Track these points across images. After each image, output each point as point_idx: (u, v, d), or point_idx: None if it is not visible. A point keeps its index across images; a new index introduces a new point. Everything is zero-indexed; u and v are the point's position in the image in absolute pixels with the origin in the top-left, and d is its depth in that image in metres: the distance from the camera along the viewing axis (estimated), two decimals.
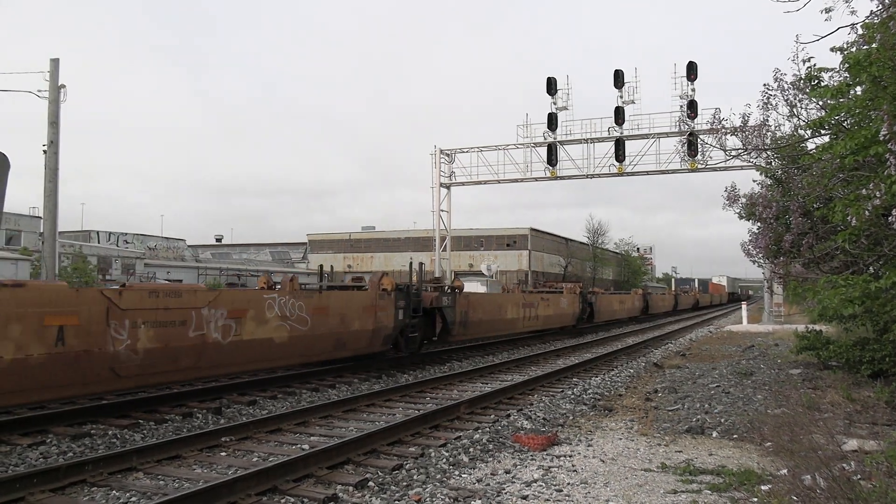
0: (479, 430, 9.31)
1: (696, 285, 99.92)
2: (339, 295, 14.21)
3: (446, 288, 18.65)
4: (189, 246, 76.70)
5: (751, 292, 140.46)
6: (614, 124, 36.91)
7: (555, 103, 38.00)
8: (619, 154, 36.91)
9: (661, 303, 52.06)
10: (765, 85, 10.43)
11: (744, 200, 13.89)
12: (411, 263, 18.00)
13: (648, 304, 45.88)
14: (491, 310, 21.27)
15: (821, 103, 10.10)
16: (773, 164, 13.94)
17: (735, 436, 8.88)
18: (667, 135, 36.62)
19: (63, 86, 23.17)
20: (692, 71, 35.12)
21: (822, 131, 10.07)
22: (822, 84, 9.78)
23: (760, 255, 15.35)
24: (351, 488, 6.72)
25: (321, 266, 18.76)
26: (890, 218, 8.45)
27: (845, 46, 9.36)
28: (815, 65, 9.81)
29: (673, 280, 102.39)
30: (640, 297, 44.44)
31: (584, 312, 31.10)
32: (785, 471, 6.67)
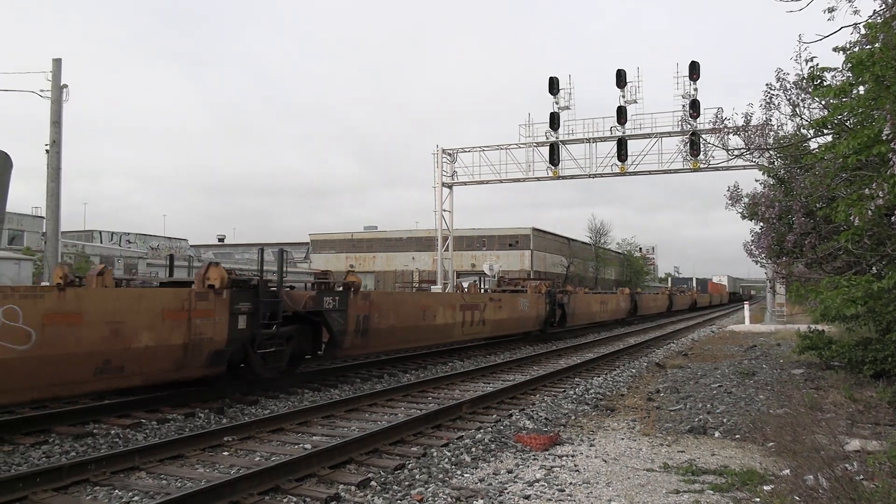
0: (482, 430, 9.30)
1: (695, 284, 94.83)
2: (107, 295, 9.48)
3: (334, 285, 14.35)
4: (192, 246, 76.82)
5: (753, 292, 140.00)
6: (616, 124, 36.88)
7: (557, 103, 37.97)
8: (622, 154, 36.88)
9: (652, 303, 47.79)
10: (767, 84, 10.46)
11: (746, 200, 13.90)
12: (262, 250, 13.84)
13: (637, 305, 42.04)
14: (408, 314, 16.66)
15: (823, 103, 10.10)
16: (775, 163, 13.94)
17: (737, 436, 8.87)
18: (669, 134, 36.58)
19: (65, 85, 23.18)
20: (695, 71, 35.08)
21: (825, 131, 10.07)
22: (825, 83, 9.78)
23: (763, 255, 15.35)
24: (353, 488, 6.72)
25: (171, 255, 14.64)
26: (893, 218, 8.44)
27: (848, 46, 9.36)
28: (817, 64, 9.82)
29: (670, 279, 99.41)
30: (627, 297, 40.50)
31: (554, 315, 26.43)
32: (787, 471, 6.66)
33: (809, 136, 11.07)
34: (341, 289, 14.29)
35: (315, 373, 14.63)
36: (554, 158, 38.45)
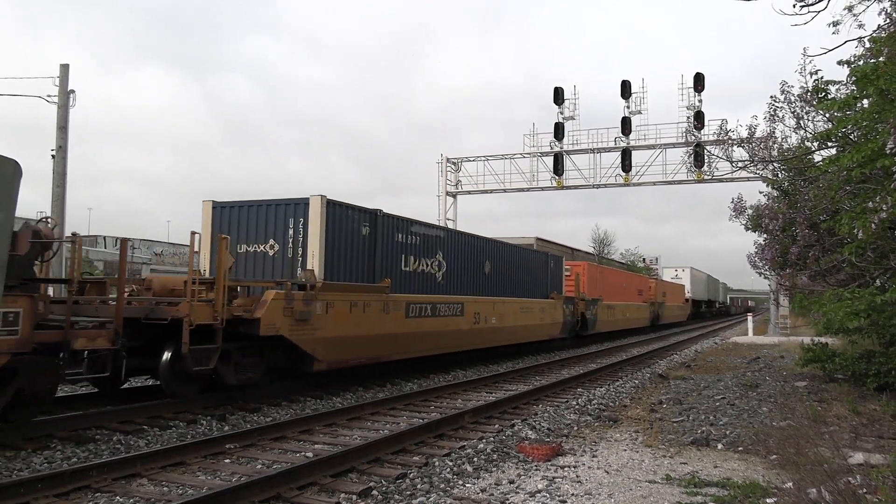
0: (484, 440, 9.28)
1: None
2: None
3: None
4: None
5: (752, 303, 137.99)
6: (621, 134, 36.94)
7: (561, 113, 38.04)
8: (626, 164, 36.92)
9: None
10: (772, 97, 10.50)
11: (750, 212, 13.91)
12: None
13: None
14: None
15: (828, 115, 10.13)
16: (779, 175, 13.95)
17: (740, 448, 8.84)
18: (673, 145, 36.61)
19: (72, 91, 23.24)
20: (699, 82, 35.15)
21: (829, 143, 10.09)
22: (829, 96, 9.81)
23: (767, 267, 15.34)
24: (354, 497, 6.71)
25: None
26: None
27: (852, 60, 9.39)
28: (822, 77, 9.86)
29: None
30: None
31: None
32: (790, 484, 6.64)
33: (813, 149, 11.10)
34: None
35: None
36: (558, 168, 38.48)
